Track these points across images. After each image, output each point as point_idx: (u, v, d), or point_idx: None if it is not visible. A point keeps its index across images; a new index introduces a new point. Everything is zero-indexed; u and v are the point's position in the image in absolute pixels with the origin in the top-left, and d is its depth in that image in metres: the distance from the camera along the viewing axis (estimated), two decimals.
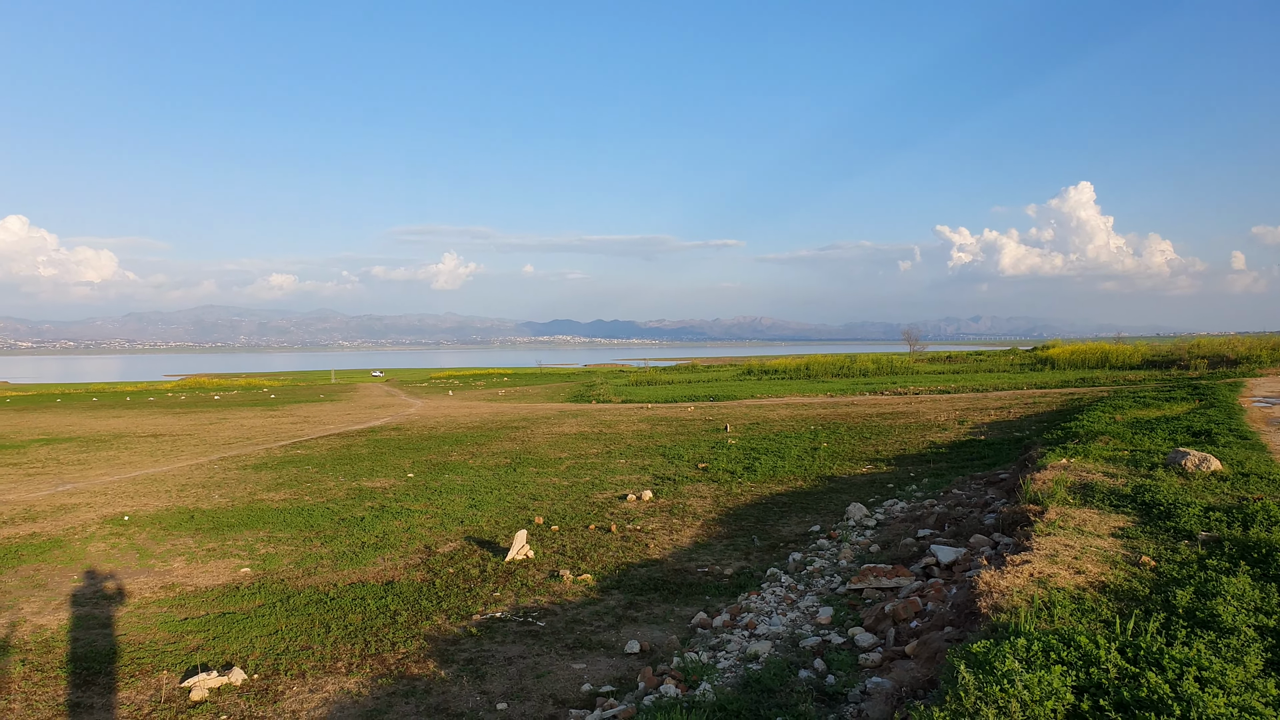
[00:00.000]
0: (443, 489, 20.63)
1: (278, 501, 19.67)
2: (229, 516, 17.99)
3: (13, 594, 12.64)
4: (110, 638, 10.65)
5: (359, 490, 20.89)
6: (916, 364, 70.32)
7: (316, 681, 9.01)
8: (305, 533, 16.38)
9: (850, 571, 11.29)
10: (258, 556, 14.69)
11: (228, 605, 11.92)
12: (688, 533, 15.37)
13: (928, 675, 6.12)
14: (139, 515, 18.23)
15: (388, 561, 14.11)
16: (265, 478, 23.40)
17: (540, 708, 8.09)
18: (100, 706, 8.57)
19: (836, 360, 71.72)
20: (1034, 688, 4.64)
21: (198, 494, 20.98)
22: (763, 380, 63.98)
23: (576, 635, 10.17)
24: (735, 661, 8.29)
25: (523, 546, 14.00)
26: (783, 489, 18.93)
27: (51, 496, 20.99)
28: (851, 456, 22.83)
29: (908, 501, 15.94)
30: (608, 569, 13.14)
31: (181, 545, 15.58)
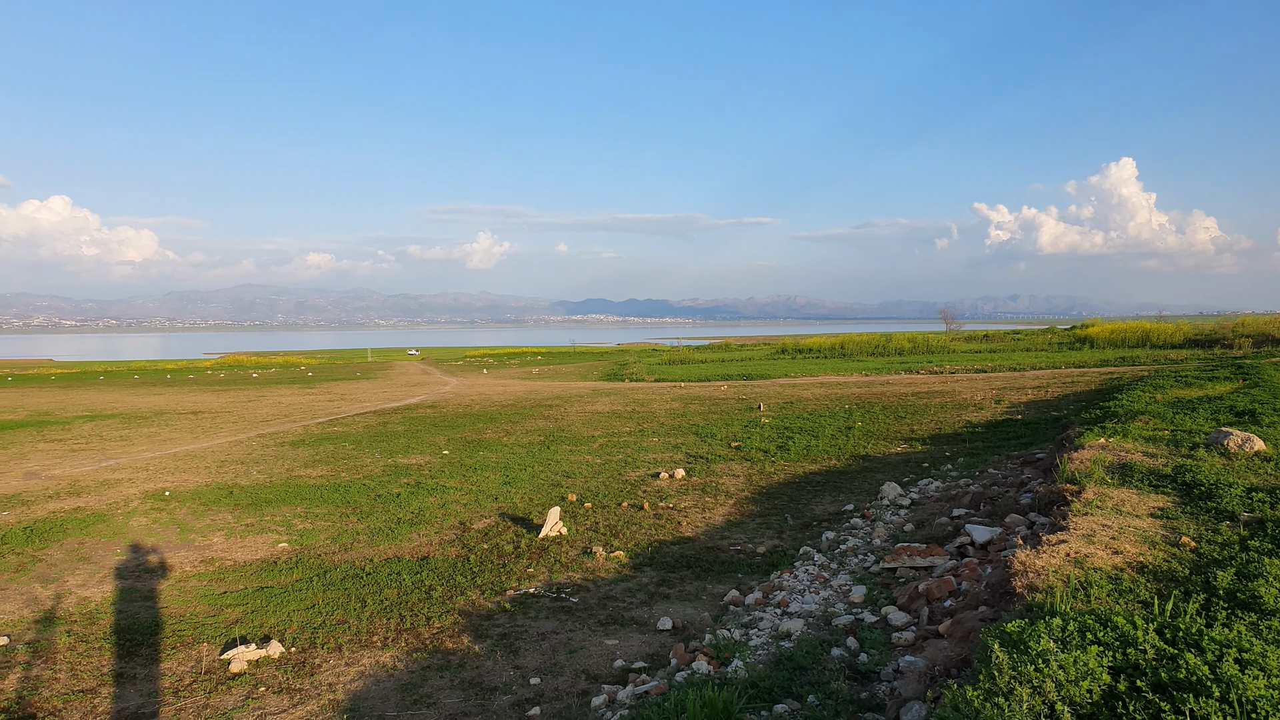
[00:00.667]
0: (477, 466, 20.80)
1: (315, 478, 19.94)
2: (267, 492, 18.27)
3: (58, 567, 12.95)
4: (152, 610, 10.88)
5: (395, 467, 21.12)
6: (953, 343, 69.59)
7: (352, 655, 9.14)
8: (342, 509, 16.59)
9: (884, 550, 11.23)
10: (295, 532, 14.92)
11: (266, 580, 12.13)
12: (720, 511, 15.37)
13: (961, 654, 6.07)
14: (179, 491, 18.58)
15: (423, 537, 14.26)
16: (303, 454, 23.73)
17: (573, 682, 8.15)
18: (143, 677, 8.76)
19: (872, 339, 71.16)
20: (1069, 668, 4.59)
21: (236, 470, 21.32)
22: (797, 359, 63.67)
23: (609, 611, 10.22)
24: (768, 639, 8.29)
25: (556, 523, 14.08)
26: (816, 468, 18.85)
27: (95, 472, 21.44)
28: (886, 436, 22.68)
29: (943, 481, 15.81)
30: (640, 546, 13.18)
31: (221, 520, 15.86)
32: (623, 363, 70.66)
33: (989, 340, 73.70)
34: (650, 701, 6.85)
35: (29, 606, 11.07)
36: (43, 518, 16.04)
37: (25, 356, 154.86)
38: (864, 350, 65.71)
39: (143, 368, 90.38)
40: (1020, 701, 4.44)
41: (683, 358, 70.64)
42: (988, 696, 4.59)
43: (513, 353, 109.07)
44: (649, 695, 7.22)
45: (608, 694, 7.62)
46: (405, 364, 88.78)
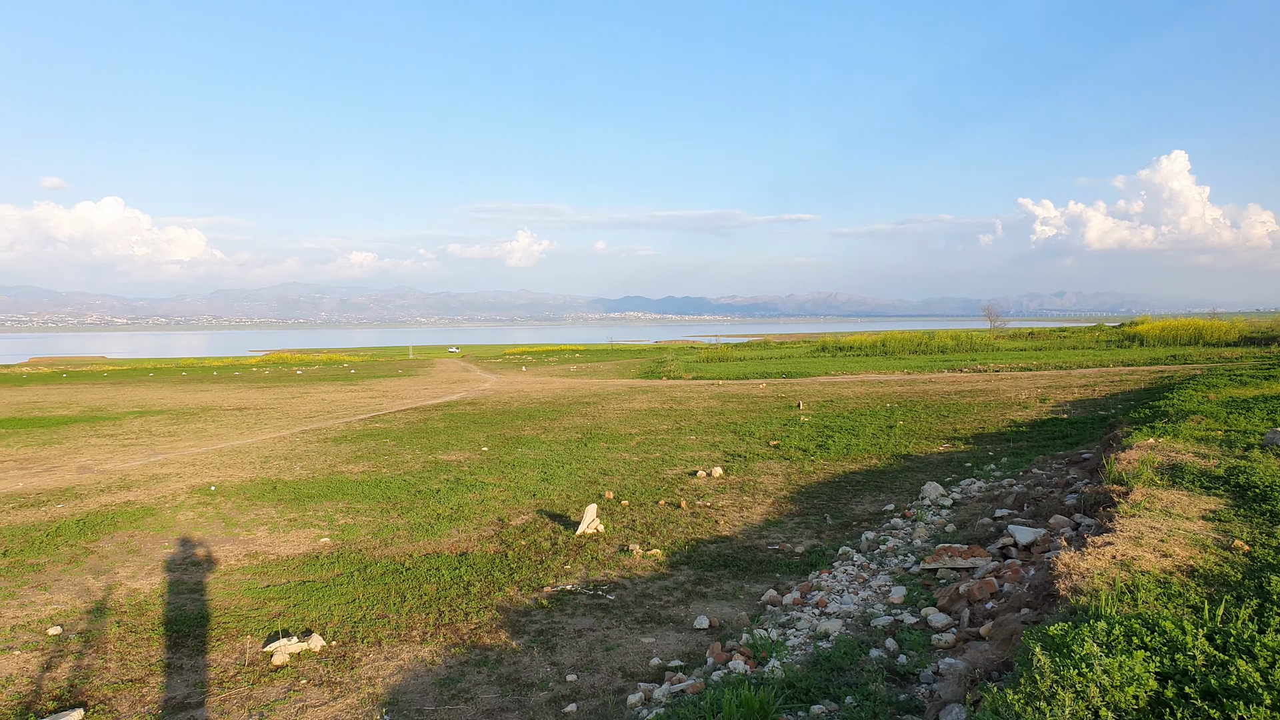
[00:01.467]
0: (515, 463, 20.90)
1: (356, 474, 20.17)
2: (310, 488, 18.52)
3: (109, 559, 13.23)
4: (198, 602, 11.08)
5: (435, 463, 21.30)
6: (997, 340, 68.62)
7: (392, 649, 9.23)
8: (383, 504, 16.77)
9: (924, 551, 11.10)
10: (337, 527, 15.10)
11: (308, 574, 12.28)
12: (758, 510, 15.29)
13: (1002, 657, 5.97)
14: (225, 485, 18.89)
15: (462, 533, 14.36)
16: (345, 450, 24.02)
17: (609, 680, 8.15)
18: (189, 667, 8.92)
19: (914, 337, 70.42)
20: (1114, 672, 4.49)
21: (280, 465, 21.64)
22: (837, 357, 63.18)
23: (646, 609, 10.22)
24: (805, 639, 8.22)
25: (593, 520, 14.11)
26: (856, 467, 18.69)
27: (144, 466, 21.88)
28: (928, 435, 22.41)
29: (985, 481, 15.59)
30: (677, 544, 13.16)
31: (264, 515, 16.10)
32: (660, 360, 70.63)
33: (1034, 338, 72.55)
34: (686, 700, 6.83)
35: (81, 597, 11.32)
36: (95, 510, 16.40)
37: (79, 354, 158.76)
38: (906, 348, 65.02)
39: (190, 365, 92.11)
40: (1063, 706, 4.35)
41: (721, 355, 70.44)
42: (1029, 700, 4.50)
43: (551, 350, 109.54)
44: (685, 694, 7.20)
45: (644, 692, 7.61)
46: (445, 361, 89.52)
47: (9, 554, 13.45)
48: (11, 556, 13.29)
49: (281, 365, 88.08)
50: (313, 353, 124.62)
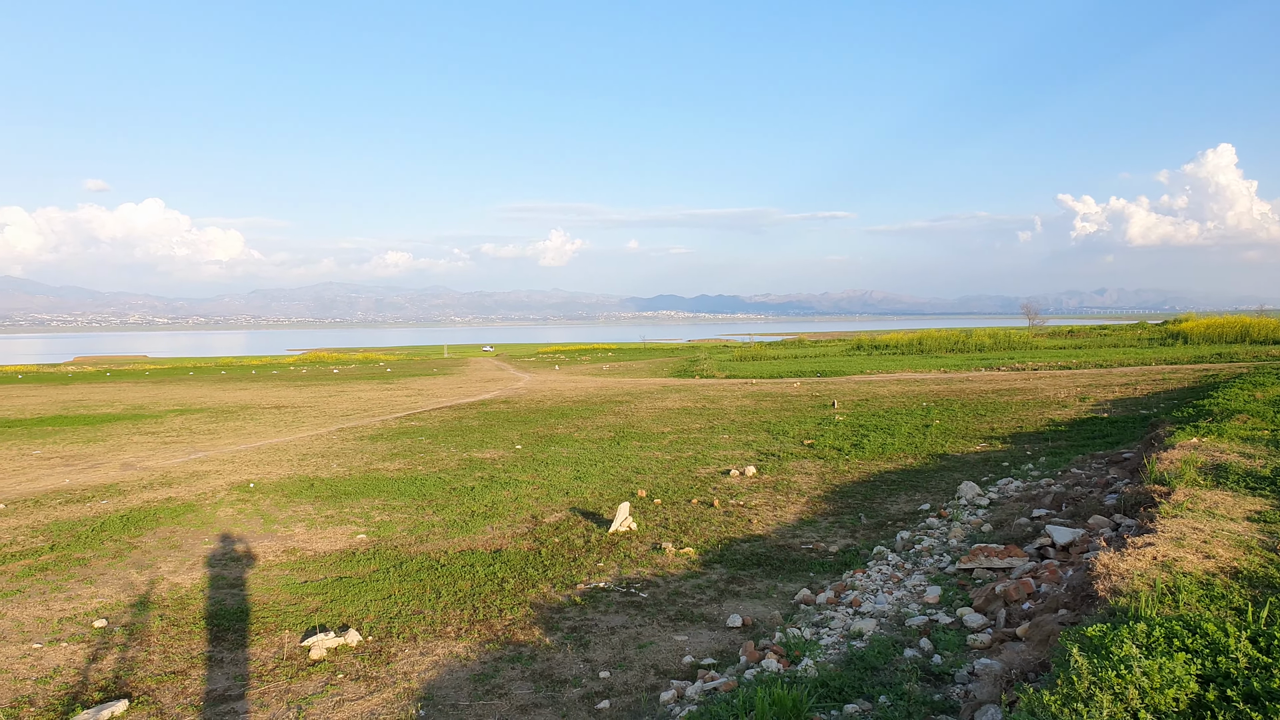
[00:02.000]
0: (549, 461, 20.99)
1: (392, 471, 20.37)
2: (346, 485, 18.73)
3: (152, 554, 13.48)
4: (237, 597, 11.25)
5: (469, 461, 21.45)
6: (1035, 339, 67.75)
7: (427, 645, 9.31)
8: (418, 501, 16.92)
9: (960, 551, 10.99)
10: (373, 523, 15.26)
11: (344, 570, 12.43)
12: (792, 509, 15.23)
13: (1039, 658, 5.91)
14: (263, 483, 19.16)
15: (496, 530, 14.45)
16: (381, 448, 24.26)
17: (642, 677, 8.17)
18: (229, 661, 9.07)
19: (950, 335, 69.74)
20: (1154, 674, 4.42)
21: (317, 463, 21.91)
22: (873, 355, 62.73)
23: (678, 607, 10.22)
24: (839, 638, 8.19)
25: (626, 518, 14.13)
26: (892, 466, 18.55)
27: (185, 463, 22.25)
28: (965, 434, 22.19)
29: (1023, 480, 15.40)
30: (710, 543, 13.14)
31: (302, 512, 16.31)
32: (693, 359, 70.55)
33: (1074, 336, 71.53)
34: (719, 698, 6.83)
35: (125, 591, 11.54)
36: (137, 507, 16.71)
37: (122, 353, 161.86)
38: (942, 346, 64.42)
39: (229, 364, 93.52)
40: (1100, 708, 4.30)
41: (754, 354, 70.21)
42: (1066, 701, 4.45)
43: (584, 349, 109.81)
44: (718, 692, 7.20)
45: (676, 689, 7.62)
46: (480, 360, 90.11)
47: (56, 548, 13.75)
48: (59, 551, 13.59)
49: (319, 364, 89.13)
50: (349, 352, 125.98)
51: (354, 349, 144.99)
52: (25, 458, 24.00)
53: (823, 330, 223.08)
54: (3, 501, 17.55)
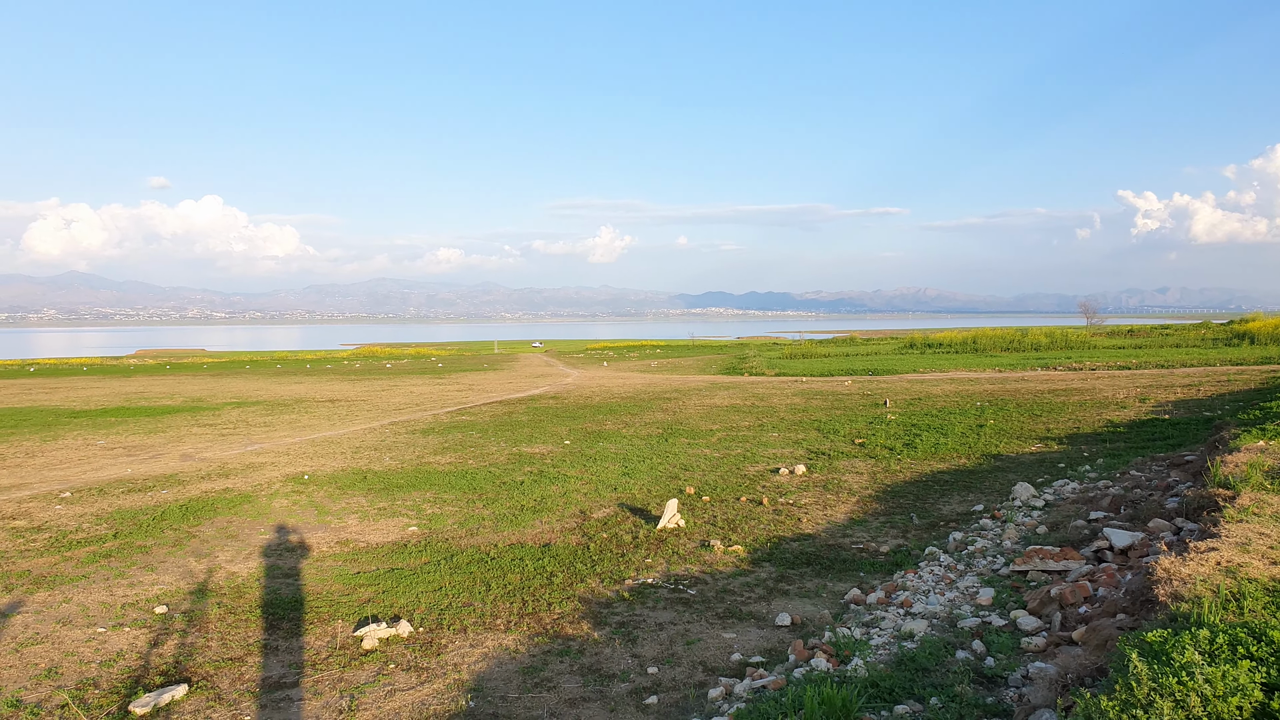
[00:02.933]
0: (597, 456, 21.07)
1: (443, 464, 20.61)
2: (398, 478, 18.99)
3: (210, 543, 13.80)
4: (292, 587, 11.47)
5: (519, 455, 21.61)
6: (1094, 338, 66.29)
7: (477, 637, 9.41)
8: (468, 495, 17.10)
9: (1014, 553, 10.81)
10: (424, 516, 15.45)
11: (396, 561, 12.60)
12: (842, 508, 15.10)
13: (1096, 663, 5.79)
14: (317, 475, 19.51)
15: (545, 525, 14.54)
16: (432, 442, 24.55)
17: (690, 674, 8.17)
18: (284, 649, 9.25)
19: (1006, 334, 68.53)
20: (1216, 682, 4.31)
21: (370, 456, 22.24)
22: (925, 354, 61.89)
23: (727, 605, 10.20)
24: (889, 639, 8.10)
25: (674, 515, 14.13)
26: (944, 466, 18.30)
27: (242, 455, 22.74)
28: (1019, 434, 21.81)
29: (1079, 482, 15.09)
30: (759, 541, 13.08)
31: (355, 504, 16.57)
32: (742, 356, 70.26)
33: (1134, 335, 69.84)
34: (767, 696, 6.80)
35: (184, 579, 11.84)
36: (196, 497, 17.13)
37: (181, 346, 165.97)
38: (997, 345, 63.32)
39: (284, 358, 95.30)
40: (1161, 715, 4.20)
41: (805, 352, 69.67)
42: (1124, 708, 4.36)
43: (632, 345, 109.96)
44: (766, 690, 7.17)
45: (724, 686, 7.60)
46: (529, 356, 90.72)
47: (119, 535, 14.16)
48: (122, 538, 13.98)
49: (372, 359, 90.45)
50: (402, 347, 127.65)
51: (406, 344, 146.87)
52: (90, 447, 24.72)
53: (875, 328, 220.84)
54: (69, 489, 18.11)
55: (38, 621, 10.13)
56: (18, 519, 15.52)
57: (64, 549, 13.39)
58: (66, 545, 13.61)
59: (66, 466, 21.43)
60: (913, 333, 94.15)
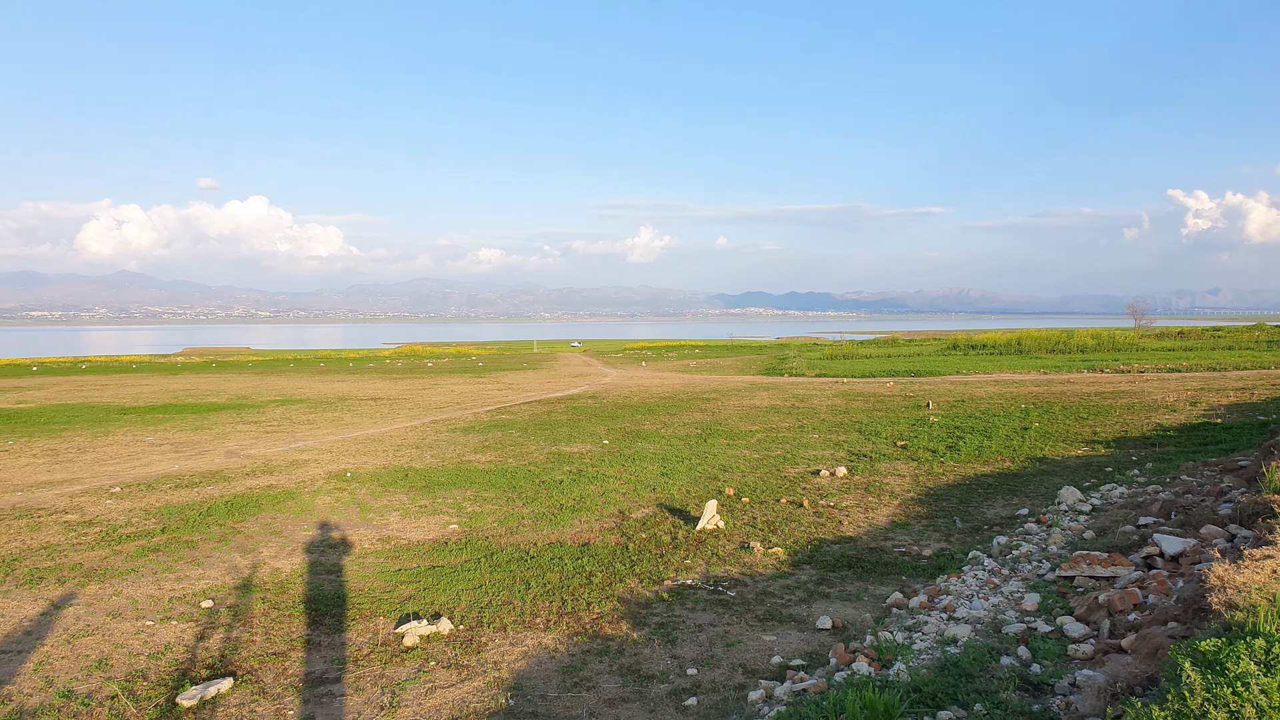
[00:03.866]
0: (636, 456, 21.07)
1: (483, 463, 20.74)
2: (439, 476, 19.14)
3: (254, 539, 14.01)
4: (334, 583, 11.61)
5: (558, 455, 21.68)
6: (1142, 340, 64.98)
7: (516, 635, 9.45)
8: (508, 493, 17.18)
9: (1060, 558, 10.62)
10: (465, 514, 15.56)
11: (437, 559, 12.70)
12: (884, 511, 14.95)
13: (1146, 672, 5.66)
14: (359, 472, 19.73)
15: (584, 524, 14.57)
16: (473, 440, 24.72)
17: (730, 675, 8.13)
18: (327, 644, 9.36)
19: (1051, 335, 67.45)
20: (1272, 693, 4.19)
21: (411, 454, 22.45)
22: (969, 355, 61.11)
23: (767, 607, 10.14)
24: (932, 643, 7.99)
25: (713, 516, 14.08)
26: (988, 469, 18.04)
27: (285, 452, 23.07)
28: (1065, 437, 21.44)
29: (1128, 487, 14.80)
30: (799, 543, 12.99)
31: (396, 501, 16.73)
32: (782, 357, 69.90)
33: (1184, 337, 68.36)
34: (808, 699, 6.75)
35: (230, 574, 12.03)
36: (241, 493, 17.40)
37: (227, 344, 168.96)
38: (1042, 347, 62.32)
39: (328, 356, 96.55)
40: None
41: (846, 353, 69.13)
42: (1177, 718, 4.25)
43: (671, 345, 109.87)
44: (807, 693, 7.11)
45: (765, 689, 7.55)
46: (568, 355, 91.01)
47: (167, 530, 14.43)
48: (170, 533, 14.25)
49: (413, 358, 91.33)
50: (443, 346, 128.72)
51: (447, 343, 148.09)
52: (139, 444, 25.24)
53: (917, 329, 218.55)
54: (119, 484, 18.50)
55: (89, 614, 10.36)
56: (70, 513, 15.88)
57: (114, 543, 13.68)
58: (116, 539, 13.91)
59: (116, 462, 21.90)
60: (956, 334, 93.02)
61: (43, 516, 15.61)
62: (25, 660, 8.89)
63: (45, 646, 9.29)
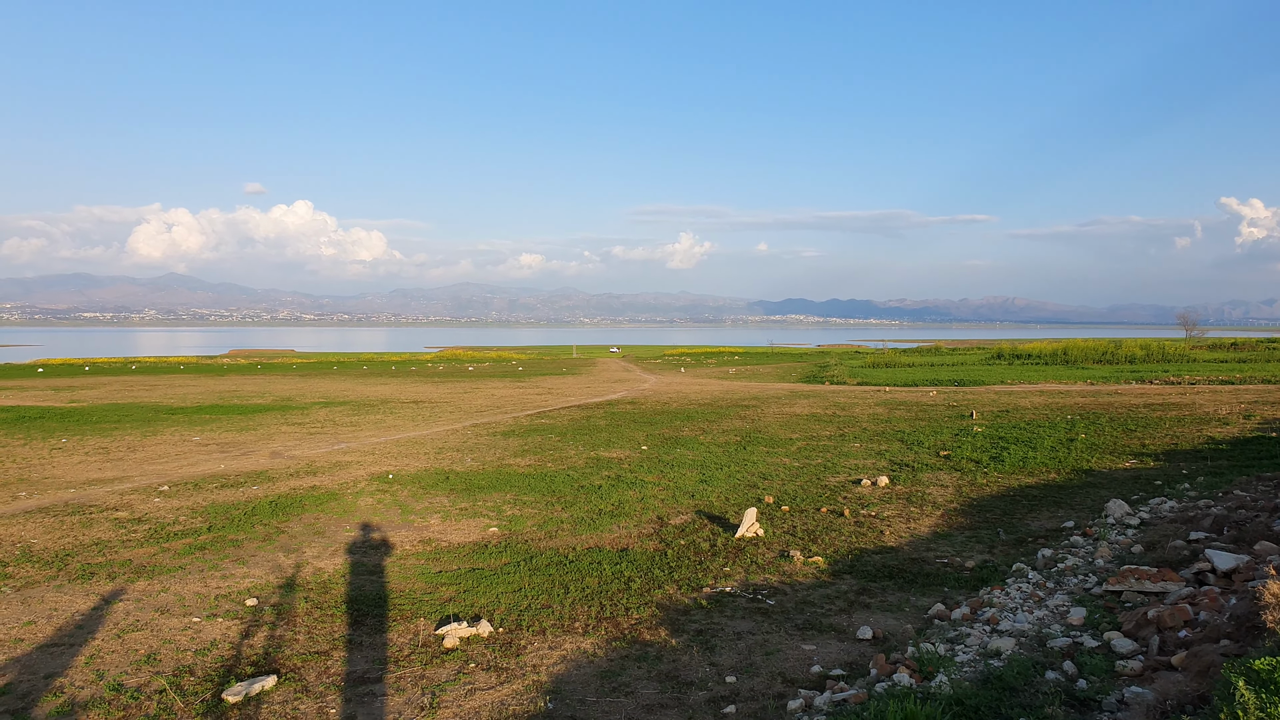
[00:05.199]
0: (674, 463, 21.04)
1: (523, 467, 20.84)
2: (479, 479, 19.27)
3: (298, 539, 14.20)
4: (376, 584, 11.72)
5: (597, 460, 21.73)
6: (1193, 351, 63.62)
7: (555, 639, 9.47)
8: (547, 497, 17.25)
9: (1107, 572, 10.42)
10: (504, 517, 15.64)
11: (477, 561, 12.78)
12: (926, 521, 14.78)
13: (1197, 690, 5.53)
14: (401, 474, 19.93)
15: (622, 529, 14.58)
16: (512, 444, 24.86)
17: (769, 684, 8.08)
18: (368, 645, 9.45)
19: (1099, 345, 66.32)
20: None
21: (452, 457, 22.63)
22: (1014, 365, 60.28)
23: (806, 616, 10.06)
24: (974, 656, 7.88)
25: (752, 524, 14.01)
26: (1033, 481, 17.77)
27: (329, 454, 23.37)
28: (1113, 449, 21.05)
29: (1178, 501, 14.48)
30: (839, 553, 12.89)
31: (437, 504, 16.86)
32: (823, 364, 69.47)
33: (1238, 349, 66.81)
34: (848, 709, 6.69)
35: (274, 573, 12.20)
36: (285, 494, 17.65)
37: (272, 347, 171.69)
38: (1089, 357, 61.28)
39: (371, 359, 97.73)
40: None
41: (888, 361, 68.51)
42: None
43: (710, 352, 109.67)
44: (847, 703, 7.04)
45: (804, 698, 7.50)
46: (607, 361, 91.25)
47: (213, 529, 14.68)
48: (215, 532, 14.50)
49: (454, 362, 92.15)
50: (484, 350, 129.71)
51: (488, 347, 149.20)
52: (186, 444, 25.72)
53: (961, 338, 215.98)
54: (167, 483, 18.87)
55: (138, 609, 10.57)
56: (120, 510, 16.23)
57: (162, 540, 13.95)
58: (164, 537, 14.18)
59: (164, 461, 22.33)
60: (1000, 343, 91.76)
61: (94, 513, 15.96)
62: (77, 653, 9.09)
63: (96, 640, 9.49)
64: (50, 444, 25.45)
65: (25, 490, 18.26)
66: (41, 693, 8.09)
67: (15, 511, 16.16)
